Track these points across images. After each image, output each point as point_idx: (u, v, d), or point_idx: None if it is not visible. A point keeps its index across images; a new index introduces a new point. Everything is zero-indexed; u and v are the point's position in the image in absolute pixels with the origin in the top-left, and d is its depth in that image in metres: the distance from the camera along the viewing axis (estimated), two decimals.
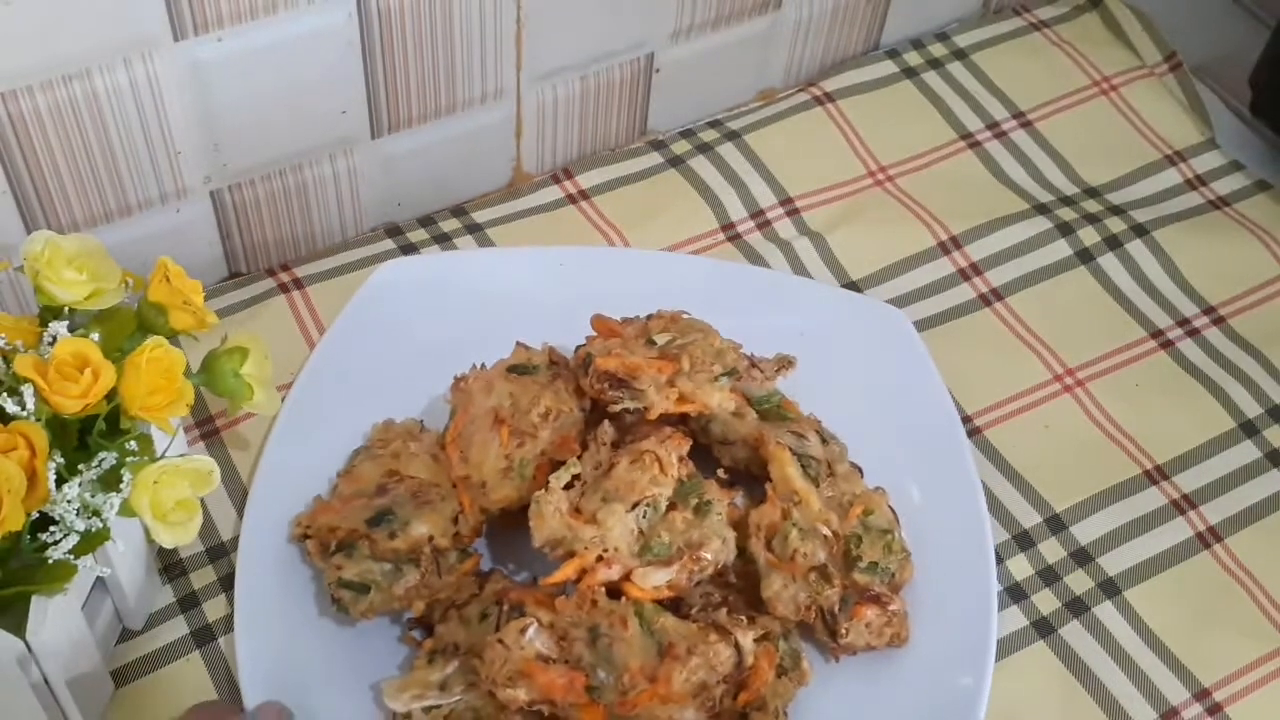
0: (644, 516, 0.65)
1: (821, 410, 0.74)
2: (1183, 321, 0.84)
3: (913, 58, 0.98)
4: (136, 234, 0.77)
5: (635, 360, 0.67)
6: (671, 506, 0.65)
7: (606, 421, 0.69)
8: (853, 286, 0.84)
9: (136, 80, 0.71)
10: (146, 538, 0.63)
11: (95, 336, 0.60)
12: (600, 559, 0.63)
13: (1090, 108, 0.96)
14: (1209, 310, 0.85)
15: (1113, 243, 0.87)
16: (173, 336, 0.65)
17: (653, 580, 0.63)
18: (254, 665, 0.65)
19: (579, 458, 0.67)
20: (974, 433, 0.78)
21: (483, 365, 0.72)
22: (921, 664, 0.67)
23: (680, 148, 0.91)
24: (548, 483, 0.65)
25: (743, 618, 0.64)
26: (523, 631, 0.61)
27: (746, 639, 0.62)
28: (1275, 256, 0.88)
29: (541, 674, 0.60)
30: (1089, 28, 1.00)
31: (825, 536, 0.67)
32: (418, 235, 0.85)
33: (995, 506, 0.75)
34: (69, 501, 0.57)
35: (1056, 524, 0.75)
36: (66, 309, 0.63)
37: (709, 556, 0.64)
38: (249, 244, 0.83)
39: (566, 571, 0.64)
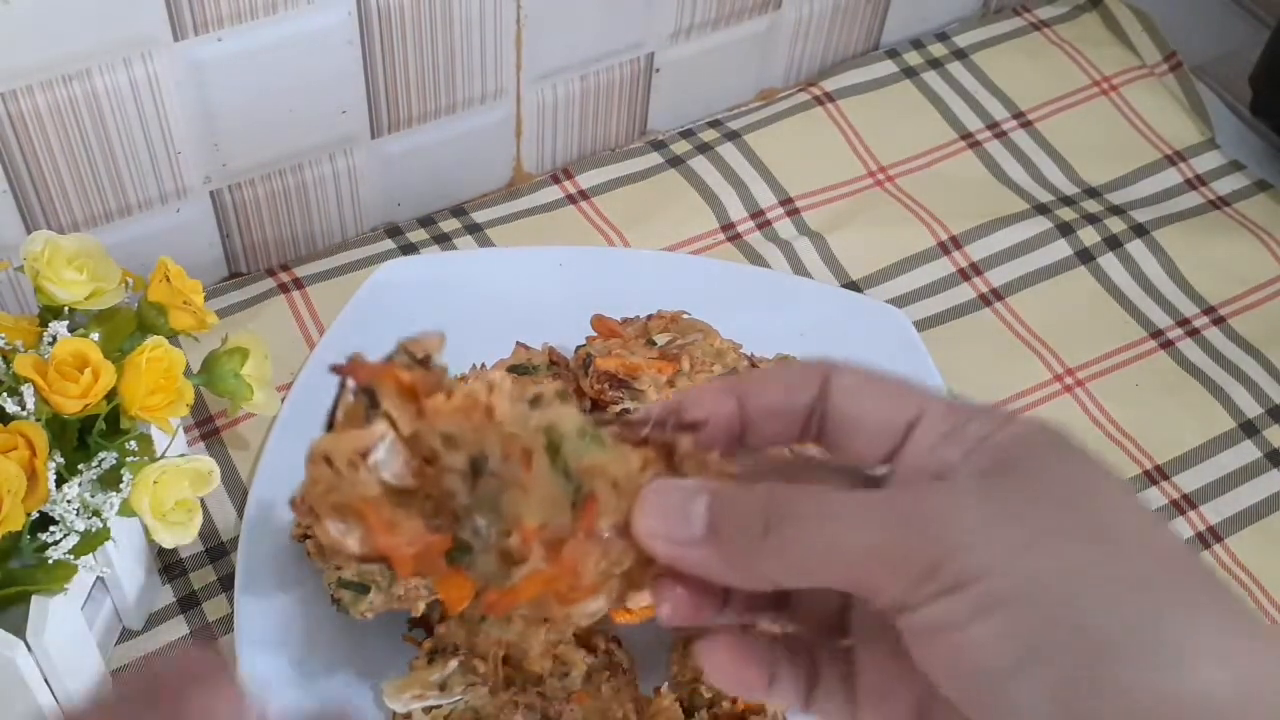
0: None
1: None
2: (1183, 321, 0.84)
3: (913, 58, 0.97)
4: (136, 234, 0.77)
5: (635, 360, 0.67)
6: None
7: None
8: (853, 286, 0.84)
9: (136, 80, 0.71)
10: (146, 538, 0.63)
11: (95, 336, 0.60)
12: None
13: (1090, 108, 0.96)
14: (1209, 310, 0.85)
15: (1113, 243, 0.87)
16: (173, 336, 0.65)
17: None
18: (254, 665, 0.65)
19: None
20: None
21: (483, 365, 0.72)
22: None
23: (680, 148, 0.91)
24: None
25: None
26: (366, 451, 0.36)
27: None
28: (1275, 256, 0.88)
29: (378, 521, 0.35)
30: (1089, 28, 1.00)
31: None
32: (418, 235, 0.85)
33: None
34: (69, 501, 0.57)
35: None
36: (66, 309, 0.63)
37: None
38: (249, 244, 0.83)
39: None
